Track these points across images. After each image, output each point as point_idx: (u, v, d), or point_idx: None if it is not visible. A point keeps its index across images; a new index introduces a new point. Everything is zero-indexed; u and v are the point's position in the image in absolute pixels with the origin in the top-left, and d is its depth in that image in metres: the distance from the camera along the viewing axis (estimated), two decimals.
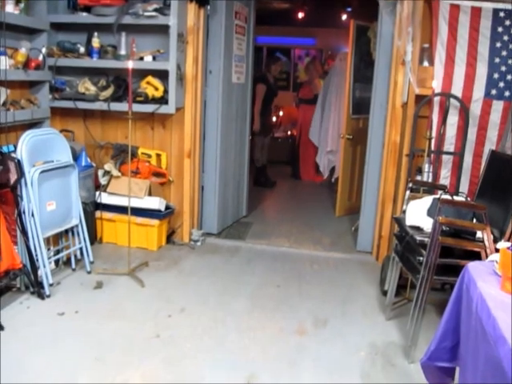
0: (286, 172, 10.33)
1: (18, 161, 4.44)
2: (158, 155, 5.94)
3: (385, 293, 4.72)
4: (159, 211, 5.72)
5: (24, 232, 4.54)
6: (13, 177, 4.49)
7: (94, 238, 5.73)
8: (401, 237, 4.32)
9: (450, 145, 5.13)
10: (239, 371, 3.62)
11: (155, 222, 5.72)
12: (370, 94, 5.90)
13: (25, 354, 3.71)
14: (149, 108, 5.61)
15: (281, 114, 11.62)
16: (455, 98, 4.97)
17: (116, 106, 5.66)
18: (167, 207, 5.87)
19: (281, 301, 4.73)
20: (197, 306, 4.54)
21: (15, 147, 4.58)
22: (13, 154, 4.55)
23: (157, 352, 3.81)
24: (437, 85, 4.94)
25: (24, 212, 4.51)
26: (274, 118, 11.06)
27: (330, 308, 4.63)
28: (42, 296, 4.51)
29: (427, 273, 3.66)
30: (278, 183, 9.56)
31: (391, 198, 5.57)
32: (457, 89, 4.97)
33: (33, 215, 4.50)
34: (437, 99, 5.06)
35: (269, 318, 4.40)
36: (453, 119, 5.07)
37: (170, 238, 6.07)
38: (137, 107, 5.42)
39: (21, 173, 4.46)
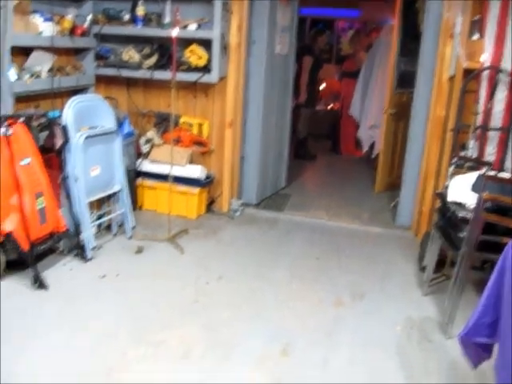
0: (325, 146, 10.25)
1: (64, 126, 4.53)
2: (200, 124, 5.97)
3: (423, 269, 4.69)
4: (199, 180, 5.77)
5: (68, 196, 4.65)
6: (58, 141, 4.59)
7: (134, 205, 5.81)
8: (443, 212, 4.27)
9: (497, 120, 5.01)
10: (275, 340, 3.66)
11: (195, 190, 5.77)
12: (415, 68, 5.79)
13: (67, 312, 3.83)
14: (192, 77, 5.63)
15: (323, 86, 11.49)
16: (505, 72, 4.83)
17: (159, 75, 5.70)
18: (207, 176, 5.92)
19: (319, 273, 4.75)
20: (235, 275, 4.59)
21: (61, 113, 4.66)
22: (58, 120, 4.63)
23: (195, 317, 3.89)
24: (486, 59, 4.81)
25: (69, 176, 4.61)
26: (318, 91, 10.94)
27: (367, 282, 4.62)
28: (84, 259, 4.63)
29: (468, 249, 3.62)
30: (318, 157, 9.51)
31: (433, 174, 5.49)
32: (507, 63, 4.83)
33: (77, 180, 4.59)
34: (485, 73, 4.93)
35: (307, 290, 4.42)
36: (501, 94, 4.94)
37: (209, 207, 6.13)
38: (180, 76, 5.44)
39: (66, 138, 4.55)
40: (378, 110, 8.19)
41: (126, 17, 5.79)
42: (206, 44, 5.56)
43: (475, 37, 5.02)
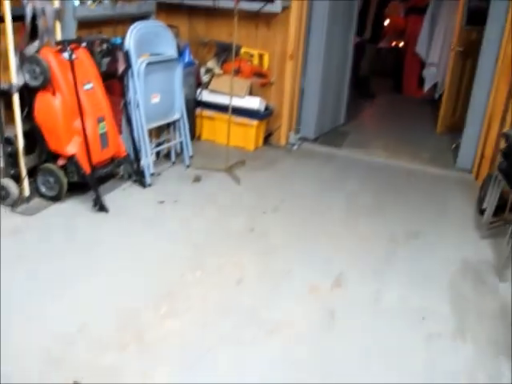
0: (387, 84, 9.98)
1: (127, 51, 4.55)
2: (261, 55, 5.89)
3: (481, 212, 4.59)
4: (258, 112, 5.75)
5: (129, 122, 4.72)
6: (120, 67, 4.62)
7: (193, 135, 5.85)
8: (507, 154, 4.13)
9: None
10: (328, 271, 3.69)
11: (254, 122, 5.76)
12: (487, 4, 5.50)
13: (127, 235, 3.95)
14: (255, 6, 5.52)
15: (387, 23, 11.09)
16: None
17: (222, 3, 5.60)
18: (266, 108, 5.88)
19: (375, 209, 4.72)
20: (291, 207, 4.62)
21: (123, 40, 4.66)
22: (121, 46, 4.64)
23: (250, 244, 3.96)
24: None
25: (130, 103, 4.66)
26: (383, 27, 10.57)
27: (423, 221, 4.56)
28: (143, 184, 4.73)
29: None
30: (379, 95, 9.29)
31: (499, 116, 5.29)
32: None
33: (138, 106, 4.65)
34: None
35: (362, 225, 4.41)
36: None
37: (267, 139, 6.12)
38: (243, 4, 5.33)
39: (128, 63, 4.57)
40: (445, 48, 7.87)
41: None
42: None
43: None
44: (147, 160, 4.75)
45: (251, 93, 5.81)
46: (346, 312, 3.29)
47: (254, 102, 5.71)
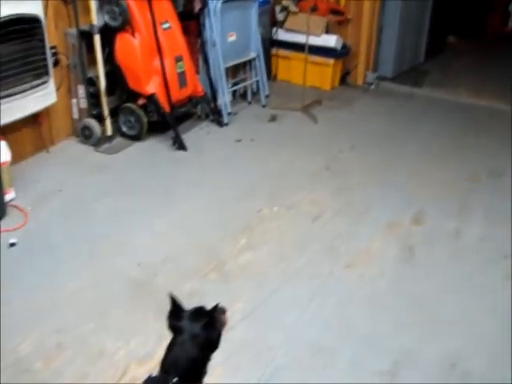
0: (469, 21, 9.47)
1: None
2: None
3: None
4: (335, 50, 5.63)
5: (206, 61, 4.73)
6: (197, 6, 4.61)
7: (269, 74, 5.80)
8: None
9: None
10: (406, 209, 3.64)
11: (330, 61, 5.65)
12: None
13: (205, 172, 4.03)
14: None
15: None
16: None
17: None
18: (343, 47, 5.75)
19: (455, 149, 4.58)
20: (367, 146, 4.56)
21: None
22: None
23: (326, 182, 3.95)
24: None
25: (206, 42, 4.67)
26: None
27: (506, 162, 4.37)
28: (220, 124, 4.77)
29: None
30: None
31: None
32: None
33: (215, 45, 4.64)
34: None
35: (440, 163, 4.30)
36: None
37: (343, 79, 6.00)
38: None
39: (204, 2, 4.56)
40: None
41: None
42: None
43: None
44: (224, 99, 4.78)
45: (327, 31, 5.69)
46: (426, 248, 3.25)
47: (331, 40, 5.59)
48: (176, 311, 1.55)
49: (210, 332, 1.50)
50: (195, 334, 1.49)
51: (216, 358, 2.24)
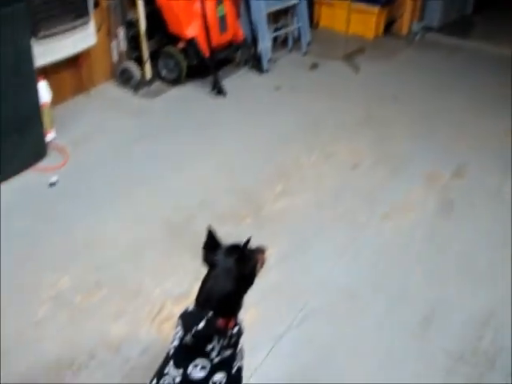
0: None
1: None
2: None
3: None
4: None
5: (247, 6, 4.63)
6: None
7: (311, 22, 5.65)
8: None
9: None
10: (448, 161, 3.58)
11: (375, 8, 5.47)
12: None
13: (244, 118, 4.00)
14: None
15: None
16: None
17: None
18: None
19: (499, 103, 4.41)
20: (409, 96, 4.45)
21: None
22: None
23: (366, 131, 3.89)
24: None
25: None
26: None
27: None
28: (260, 70, 4.70)
29: None
30: None
31: None
32: None
33: None
34: None
35: (483, 119, 4.16)
36: None
37: (388, 28, 5.81)
38: None
39: None
40: None
41: None
42: None
43: None
44: (265, 45, 4.68)
45: None
46: (465, 202, 3.19)
47: None
48: (212, 245, 1.56)
49: (243, 267, 1.49)
50: (228, 267, 1.49)
51: (250, 298, 2.28)
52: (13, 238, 2.69)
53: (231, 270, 1.49)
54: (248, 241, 1.49)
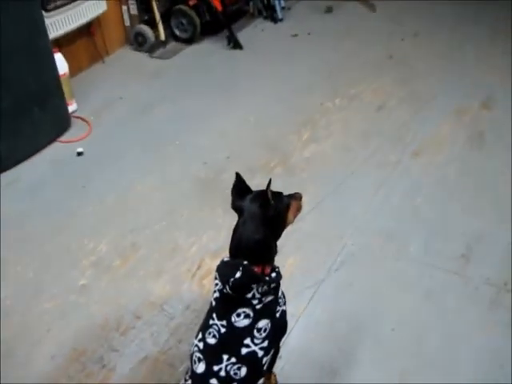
0: None
1: None
2: None
3: None
4: None
5: None
6: None
7: None
8: None
9: None
10: (474, 94, 3.50)
11: None
12: None
13: (263, 69, 3.94)
14: None
15: None
16: None
17: None
18: None
19: None
20: (431, 31, 4.33)
21: None
22: None
23: (389, 71, 3.80)
24: None
25: None
26: None
27: None
28: (274, 20, 4.61)
29: None
30: None
31: None
32: None
33: None
34: None
35: (507, 46, 4.01)
36: None
37: None
38: None
39: None
40: None
41: None
42: None
43: None
44: None
45: None
46: (495, 133, 3.12)
47: None
48: (241, 191, 1.53)
49: (267, 211, 1.46)
50: (254, 213, 1.46)
51: (287, 247, 2.30)
52: (49, 209, 2.73)
53: (257, 216, 1.46)
54: (269, 184, 1.44)
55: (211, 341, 1.43)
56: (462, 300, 2.15)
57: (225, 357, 1.40)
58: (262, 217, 1.46)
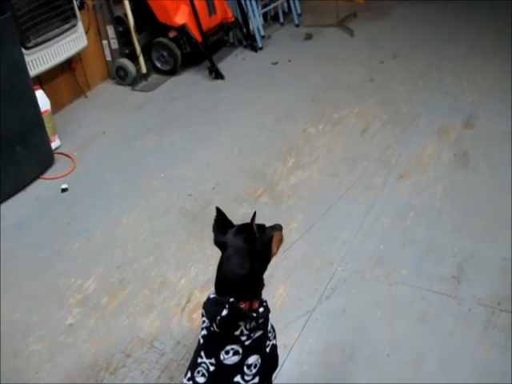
0: None
1: None
2: None
3: None
4: None
5: None
6: None
7: None
8: None
9: None
10: (456, 113, 3.51)
11: None
12: None
13: (246, 98, 3.95)
14: None
15: None
16: None
17: None
18: None
19: (502, 48, 4.30)
20: (409, 53, 4.38)
21: None
22: None
23: (371, 94, 3.83)
24: None
25: None
26: None
27: None
28: (254, 48, 4.64)
29: None
30: None
31: None
32: None
33: None
34: None
35: (488, 64, 4.08)
36: None
37: None
38: None
39: None
40: None
41: None
42: None
43: None
44: (256, 22, 4.63)
45: None
46: (480, 151, 3.12)
47: None
48: (223, 226, 1.51)
49: (253, 245, 1.44)
50: (238, 248, 1.44)
51: (277, 276, 2.27)
52: (34, 247, 2.69)
53: (242, 250, 1.44)
54: (254, 216, 1.42)
55: (200, 380, 1.39)
56: (455, 322, 2.12)
57: None
58: (248, 251, 1.43)
